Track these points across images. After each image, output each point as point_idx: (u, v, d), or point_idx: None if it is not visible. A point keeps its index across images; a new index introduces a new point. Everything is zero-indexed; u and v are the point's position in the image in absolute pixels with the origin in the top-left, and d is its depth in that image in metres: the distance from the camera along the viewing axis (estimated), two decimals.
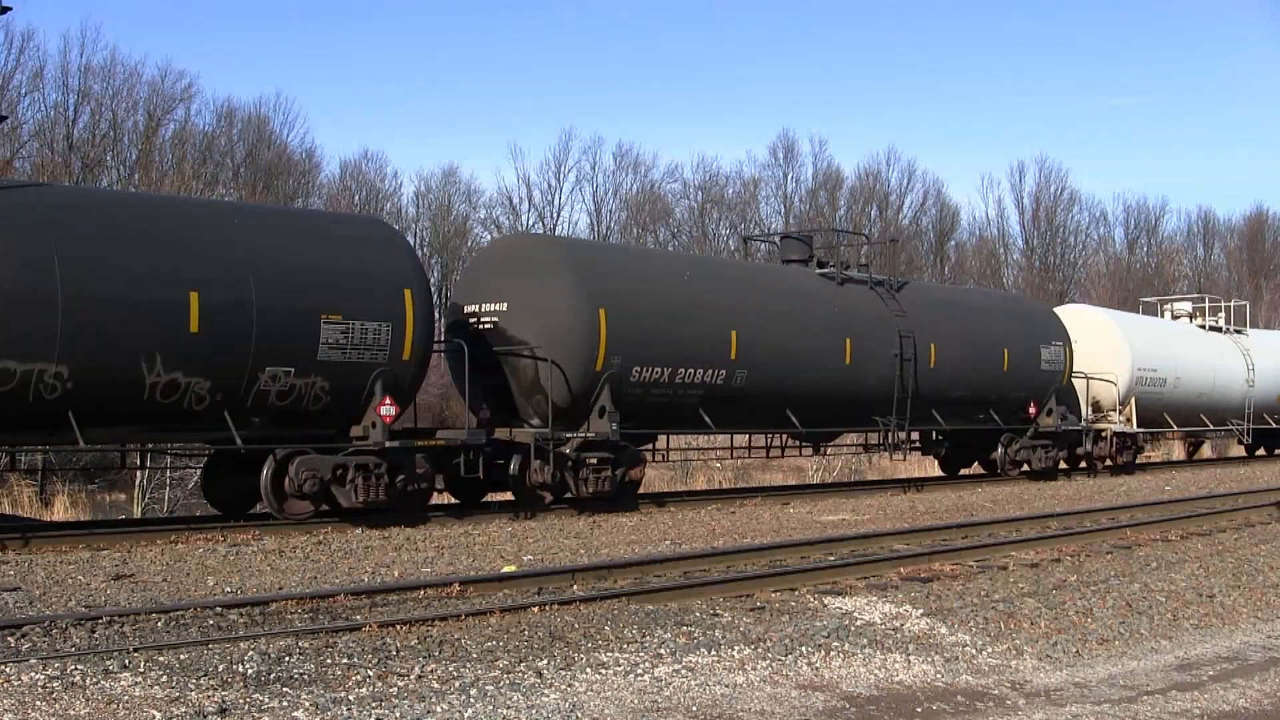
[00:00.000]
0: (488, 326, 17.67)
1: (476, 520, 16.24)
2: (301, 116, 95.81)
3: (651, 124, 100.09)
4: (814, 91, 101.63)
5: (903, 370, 21.69)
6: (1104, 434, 27.63)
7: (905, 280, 24.66)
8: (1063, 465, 26.65)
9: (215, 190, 42.84)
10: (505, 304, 17.55)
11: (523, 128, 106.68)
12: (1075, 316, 28.50)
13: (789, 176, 66.52)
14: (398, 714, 6.99)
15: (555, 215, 63.90)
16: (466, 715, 7.07)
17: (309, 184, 54.81)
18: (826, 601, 10.77)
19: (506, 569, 11.80)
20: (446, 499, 18.29)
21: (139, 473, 25.69)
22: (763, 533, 15.70)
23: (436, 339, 17.38)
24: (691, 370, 18.32)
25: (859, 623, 10.06)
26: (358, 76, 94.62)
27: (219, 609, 9.38)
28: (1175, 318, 35.00)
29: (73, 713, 6.65)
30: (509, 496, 17.81)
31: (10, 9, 13.72)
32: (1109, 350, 28.15)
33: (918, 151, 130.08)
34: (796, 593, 11.14)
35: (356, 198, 57.25)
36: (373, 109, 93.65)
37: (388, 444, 15.18)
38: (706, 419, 18.69)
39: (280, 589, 10.57)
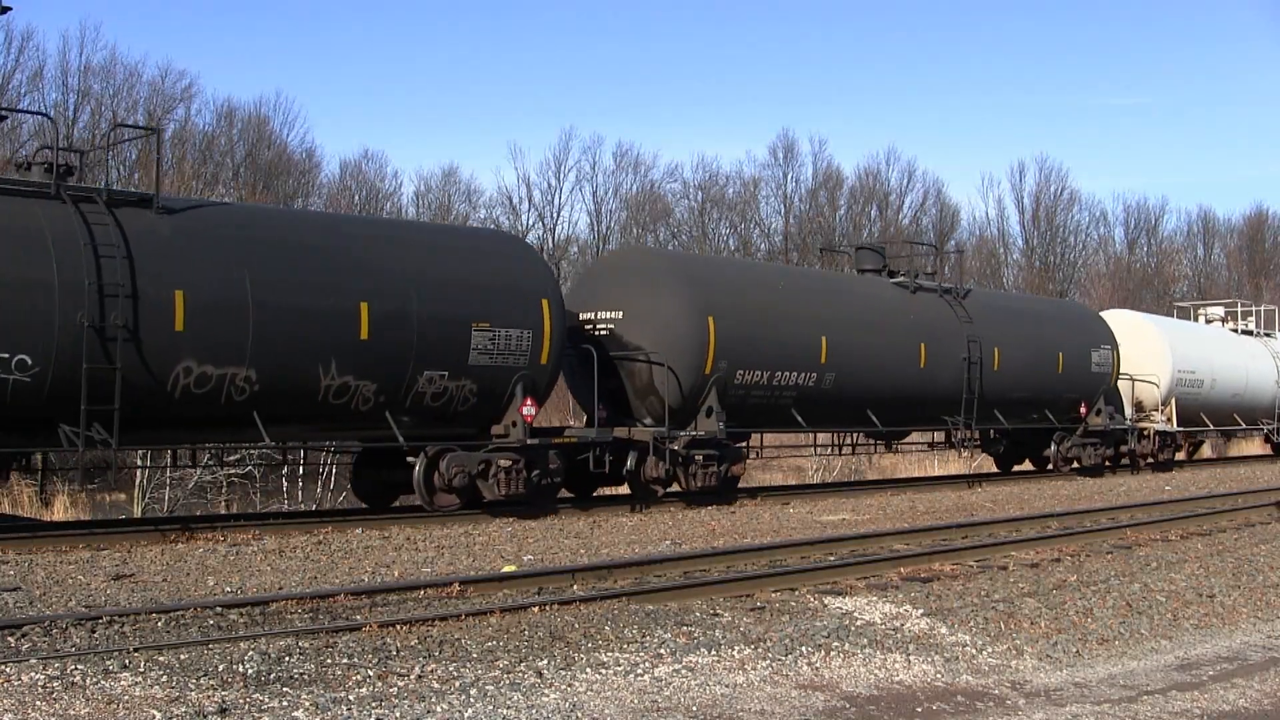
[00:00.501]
0: (603, 333, 18.81)
1: (477, 520, 16.26)
2: (301, 116, 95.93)
3: (651, 124, 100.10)
4: (814, 91, 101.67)
5: (969, 373, 23.25)
6: (1146, 433, 29.01)
7: (969, 288, 26.03)
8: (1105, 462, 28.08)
9: (215, 190, 42.81)
10: (620, 312, 18.77)
11: (523, 128, 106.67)
12: (1119, 321, 29.77)
13: (789, 176, 66.48)
14: (398, 714, 6.99)
15: (555, 215, 63.90)
16: (466, 715, 7.08)
17: (309, 184, 54.80)
18: (826, 601, 10.77)
19: (506, 569, 11.80)
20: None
21: (138, 473, 25.72)
22: (763, 533, 15.70)
23: None
24: (786, 373, 19.74)
25: (859, 623, 10.06)
26: (358, 76, 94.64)
27: (219, 609, 9.38)
28: (1209, 322, 36.69)
29: (73, 713, 6.66)
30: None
31: (10, 9, 13.73)
32: (1151, 353, 29.52)
33: (918, 151, 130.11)
34: (796, 593, 11.14)
35: (356, 198, 57.23)
36: (373, 109, 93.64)
37: (528, 441, 16.41)
38: (799, 418, 20.20)
39: (280, 589, 10.57)
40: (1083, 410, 26.68)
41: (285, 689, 7.29)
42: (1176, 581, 12.86)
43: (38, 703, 6.76)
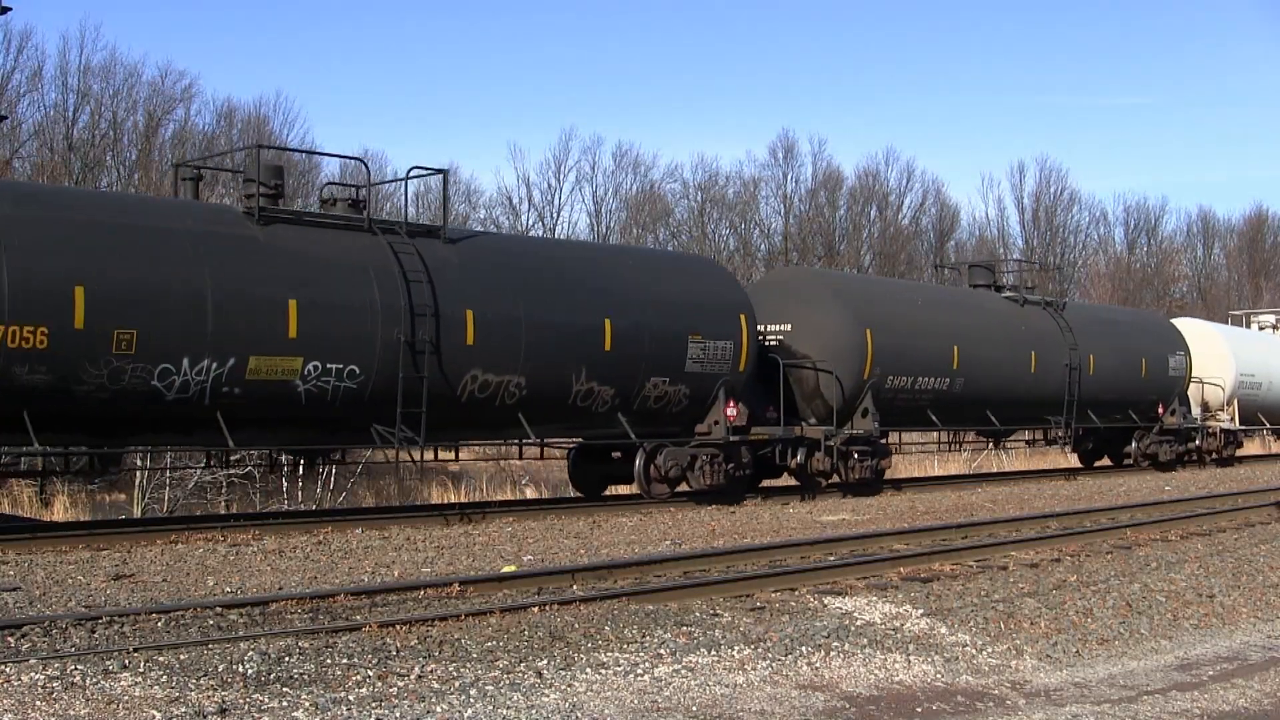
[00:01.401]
0: (773, 344, 21.13)
1: (476, 519, 16.27)
2: (301, 116, 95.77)
3: (651, 124, 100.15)
4: (814, 91, 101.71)
5: (1070, 378, 26.04)
6: (1213, 430, 31.66)
7: (1065, 301, 29.48)
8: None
9: (215, 190, 42.77)
10: (789, 325, 21.33)
11: (523, 128, 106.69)
12: (1188, 329, 32.50)
13: (789, 176, 66.43)
14: (398, 714, 6.99)
15: (555, 215, 63.90)
16: (466, 715, 7.08)
17: (309, 184, 54.77)
18: (826, 601, 10.77)
19: (506, 569, 11.80)
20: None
21: (138, 473, 25.70)
22: (763, 533, 15.70)
23: None
24: (925, 378, 22.52)
25: (859, 623, 10.06)
26: (358, 76, 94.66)
27: (219, 609, 9.38)
28: (1260, 329, 40.96)
29: (73, 713, 6.65)
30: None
31: (10, 9, 13.74)
32: (1217, 358, 32.32)
33: (918, 151, 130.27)
34: (796, 593, 11.14)
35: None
36: (373, 109, 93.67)
37: (730, 438, 18.77)
38: (934, 418, 23.11)
39: (280, 589, 10.57)
40: (1160, 410, 29.32)
41: (285, 689, 7.29)
42: (1176, 581, 12.86)
43: (38, 703, 6.76)
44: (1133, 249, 76.74)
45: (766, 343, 20.84)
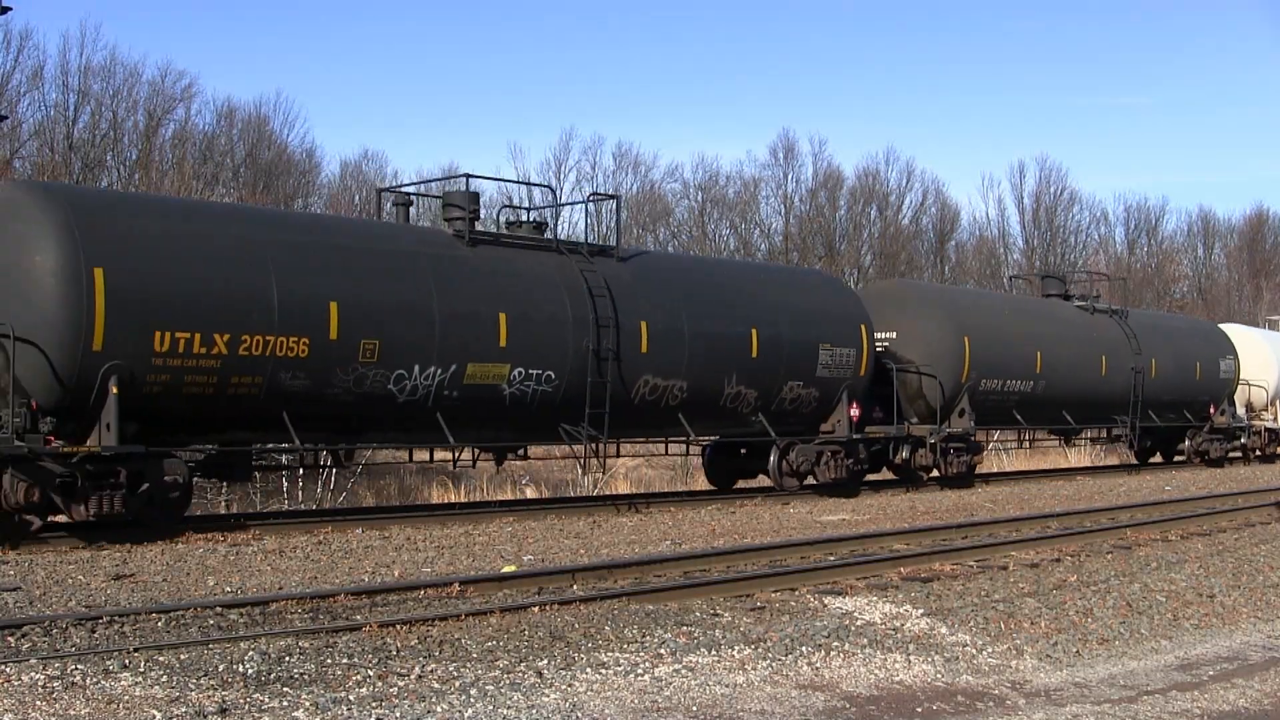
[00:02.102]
0: (880, 350, 22.70)
1: (478, 519, 16.27)
2: (301, 116, 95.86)
3: (651, 124, 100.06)
4: (814, 91, 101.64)
5: (1135, 380, 28.52)
6: (1256, 429, 33.86)
7: (1127, 310, 31.30)
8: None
9: (215, 190, 42.80)
10: (895, 333, 23.25)
11: (523, 128, 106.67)
12: (1234, 333, 34.54)
13: (789, 176, 66.37)
14: (398, 714, 6.99)
15: (555, 215, 63.90)
16: (466, 715, 7.08)
17: (309, 184, 54.77)
18: (826, 601, 10.77)
19: (506, 569, 11.80)
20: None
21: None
22: (763, 533, 15.70)
23: None
24: (1013, 381, 24.91)
25: (859, 623, 10.06)
26: (358, 76, 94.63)
27: (219, 609, 9.38)
28: None
29: (73, 713, 6.65)
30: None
31: (10, 9, 13.74)
32: (1261, 362, 34.32)
33: (918, 151, 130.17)
34: (796, 593, 11.14)
35: (356, 198, 57.22)
36: (373, 109, 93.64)
37: (852, 436, 20.95)
38: (1019, 418, 25.80)
39: (280, 589, 10.57)
40: (1211, 410, 31.62)
41: (285, 689, 7.29)
42: (1176, 581, 12.86)
43: (38, 703, 6.76)
44: (1133, 249, 76.66)
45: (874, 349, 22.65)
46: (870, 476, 23.27)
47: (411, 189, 21.64)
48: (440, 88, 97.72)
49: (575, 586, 11.11)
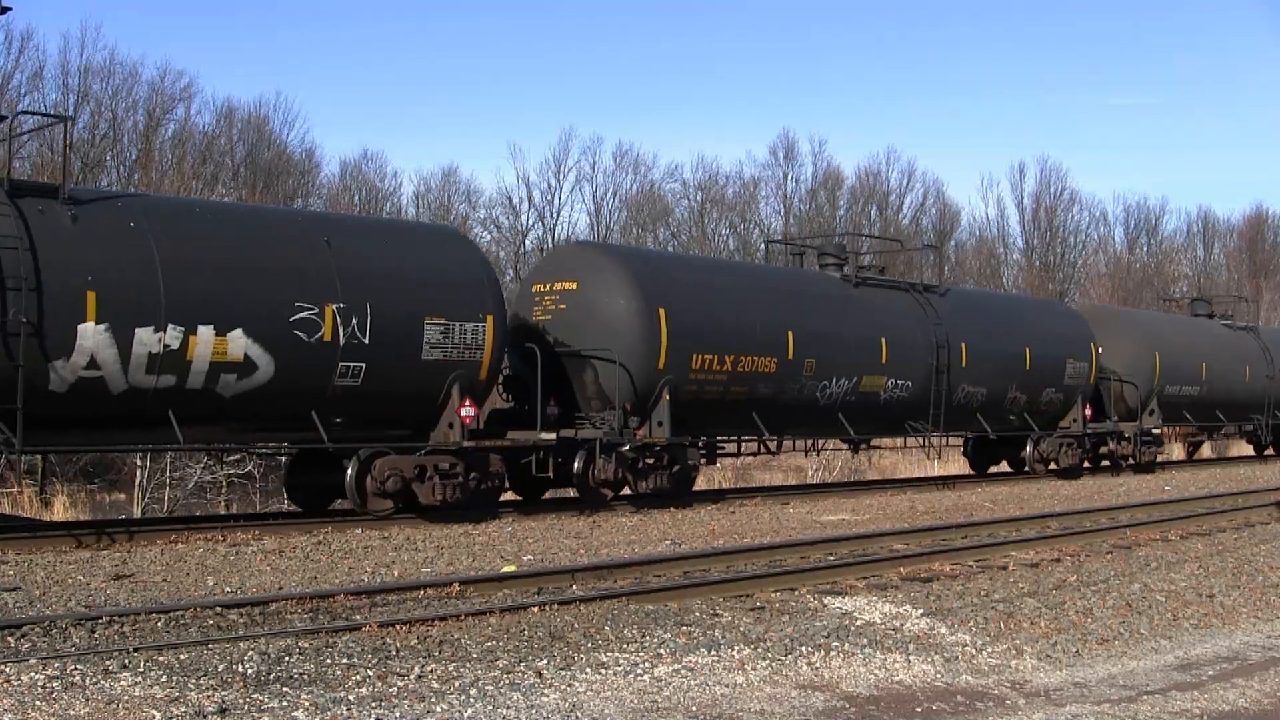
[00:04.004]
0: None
1: (476, 519, 16.25)
2: (301, 116, 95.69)
3: (651, 124, 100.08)
4: (814, 91, 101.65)
5: (1269, 386, 33.96)
6: None
7: (1258, 326, 36.99)
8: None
9: (215, 190, 42.80)
10: (1102, 348, 27.62)
11: (523, 128, 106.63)
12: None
13: (789, 176, 66.45)
14: (398, 714, 6.99)
15: (555, 215, 63.84)
16: (466, 715, 7.08)
17: (309, 184, 54.75)
18: (826, 601, 10.77)
19: (506, 569, 11.80)
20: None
21: (138, 472, 25.70)
22: (763, 533, 15.70)
23: None
24: (1187, 387, 30.12)
25: (859, 623, 10.06)
26: (358, 76, 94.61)
27: (219, 609, 9.38)
28: None
29: (73, 713, 6.65)
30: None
31: (10, 9, 13.72)
32: None
33: (918, 151, 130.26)
34: (796, 593, 11.14)
35: (356, 198, 57.21)
36: (373, 109, 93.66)
37: (1086, 431, 26.42)
38: (1188, 416, 30.77)
39: (280, 589, 10.56)
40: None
41: (285, 689, 7.29)
42: (1176, 581, 12.86)
43: (38, 703, 6.76)
44: (1133, 249, 76.67)
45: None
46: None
47: (799, 244, 27.74)
48: (440, 88, 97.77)
49: (575, 586, 11.11)
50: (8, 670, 7.31)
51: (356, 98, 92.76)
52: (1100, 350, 27.37)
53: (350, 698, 7.20)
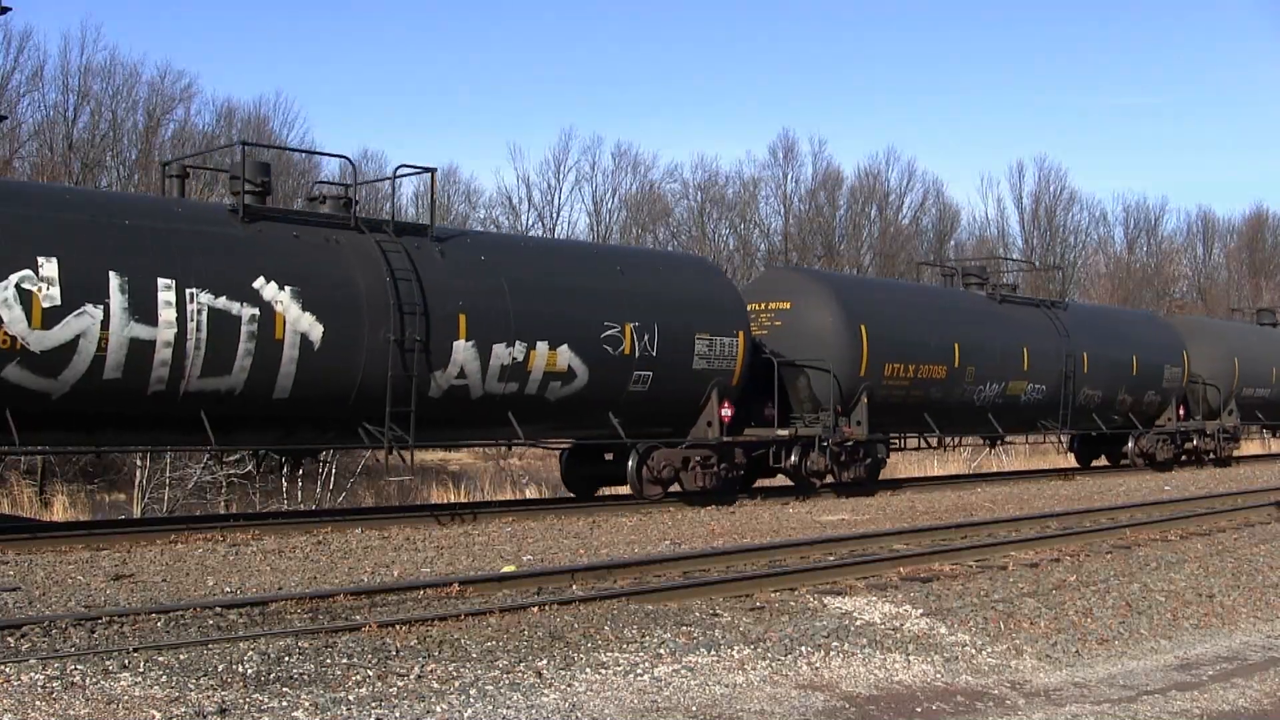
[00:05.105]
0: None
1: (477, 519, 16.27)
2: (301, 116, 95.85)
3: (651, 124, 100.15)
4: (814, 91, 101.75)
5: None
6: None
7: None
8: None
9: (215, 190, 42.76)
10: (1188, 356, 30.68)
11: (522, 128, 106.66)
12: None
13: (789, 176, 66.45)
14: (397, 714, 6.99)
15: (555, 215, 63.91)
16: (466, 715, 7.08)
17: (307, 182, 54.69)
18: (826, 601, 10.77)
19: (506, 569, 11.80)
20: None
21: (138, 472, 25.69)
22: (762, 533, 15.70)
23: None
24: (1260, 388, 33.31)
25: (859, 623, 10.06)
26: (357, 76, 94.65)
27: (219, 609, 9.38)
28: None
29: (73, 713, 6.66)
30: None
31: (10, 9, 13.74)
32: None
33: (918, 151, 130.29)
34: (796, 593, 11.14)
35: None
36: (373, 109, 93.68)
37: (1180, 429, 29.66)
38: (1259, 415, 34.01)
39: (280, 589, 10.56)
40: None
41: (285, 689, 7.29)
42: (1176, 581, 12.86)
43: (37, 703, 6.76)
44: (1133, 249, 76.75)
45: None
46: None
47: (948, 265, 30.98)
48: (440, 88, 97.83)
49: (575, 586, 11.11)
50: (8, 670, 7.31)
51: (356, 98, 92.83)
52: (1186, 357, 30.54)
53: (350, 698, 7.20)
